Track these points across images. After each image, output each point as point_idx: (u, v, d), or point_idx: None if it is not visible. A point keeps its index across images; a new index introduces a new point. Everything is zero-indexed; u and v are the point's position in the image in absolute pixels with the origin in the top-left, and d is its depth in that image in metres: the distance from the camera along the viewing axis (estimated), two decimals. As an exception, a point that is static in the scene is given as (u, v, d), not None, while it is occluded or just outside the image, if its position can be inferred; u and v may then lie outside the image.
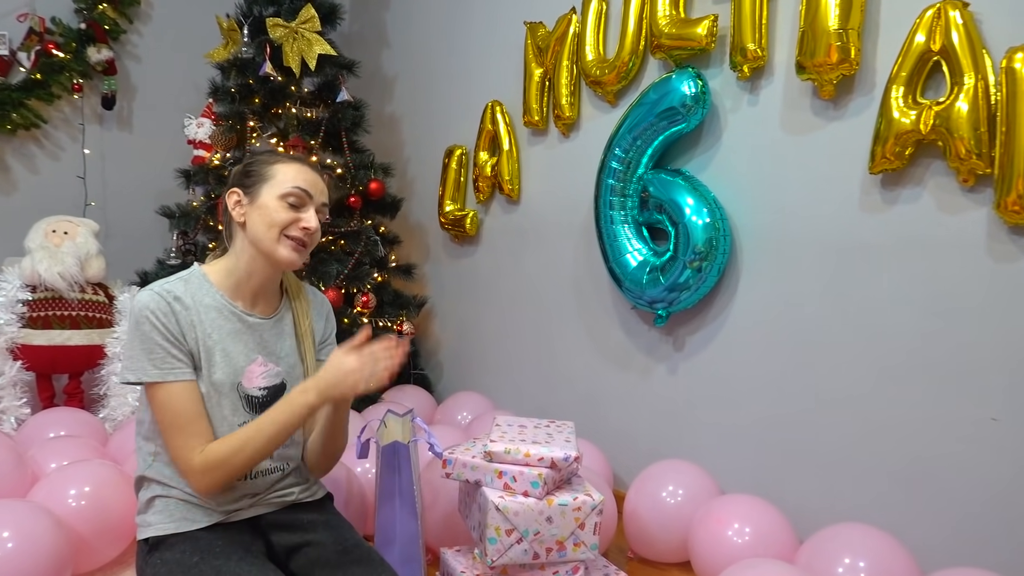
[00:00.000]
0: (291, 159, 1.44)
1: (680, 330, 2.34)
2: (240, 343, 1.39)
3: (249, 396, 1.39)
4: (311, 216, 1.40)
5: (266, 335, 1.44)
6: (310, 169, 1.44)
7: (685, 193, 2.16)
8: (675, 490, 2.07)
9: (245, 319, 1.41)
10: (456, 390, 3.17)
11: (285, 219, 1.38)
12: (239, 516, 1.40)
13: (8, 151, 3.30)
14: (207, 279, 1.41)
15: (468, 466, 1.70)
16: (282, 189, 1.39)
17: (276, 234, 1.37)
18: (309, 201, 1.41)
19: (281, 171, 1.41)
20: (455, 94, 3.24)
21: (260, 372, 1.41)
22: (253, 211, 1.39)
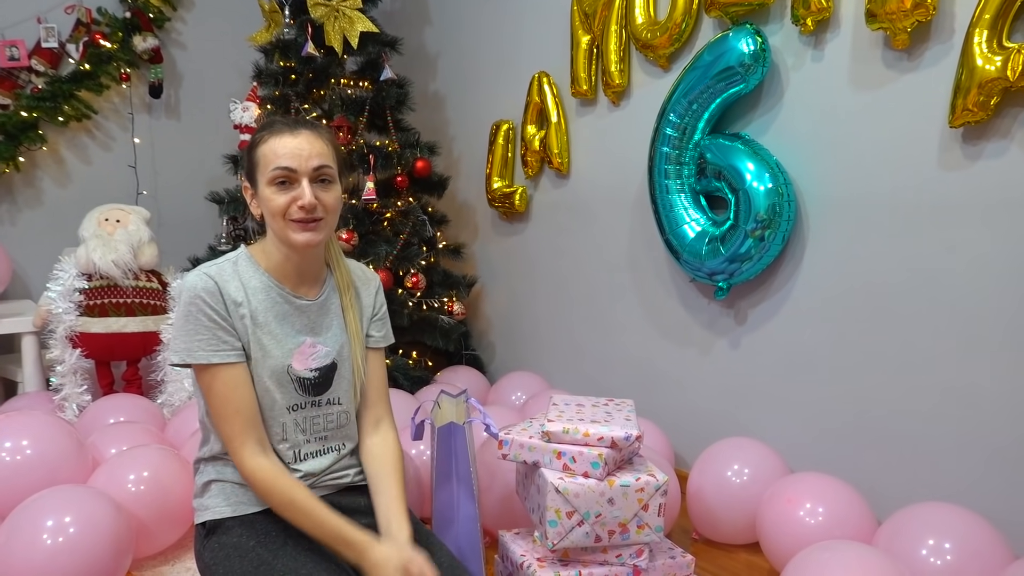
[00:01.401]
0: (272, 132, 1.31)
1: (742, 303, 2.24)
2: (289, 325, 1.36)
3: (301, 378, 1.36)
4: (304, 191, 1.28)
5: (314, 316, 1.39)
6: (291, 137, 1.30)
7: (745, 158, 2.05)
8: (741, 469, 1.99)
9: (293, 301, 1.37)
10: (509, 370, 3.12)
11: (281, 205, 1.29)
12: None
13: (61, 143, 3.35)
14: (253, 260, 1.37)
15: (525, 447, 1.64)
16: (268, 174, 1.29)
17: (281, 222, 1.30)
18: (296, 175, 1.29)
19: (264, 153, 1.30)
20: (500, 67, 3.16)
21: (310, 354, 1.37)
22: (261, 203, 1.33)
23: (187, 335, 1.27)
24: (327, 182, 1.32)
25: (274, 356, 1.32)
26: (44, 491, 1.72)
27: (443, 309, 3.05)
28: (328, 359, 1.39)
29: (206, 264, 1.33)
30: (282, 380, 1.33)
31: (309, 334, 1.38)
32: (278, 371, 1.33)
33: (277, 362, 1.33)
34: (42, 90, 3.19)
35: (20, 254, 3.24)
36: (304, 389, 1.36)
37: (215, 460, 1.36)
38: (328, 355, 1.39)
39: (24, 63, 3.21)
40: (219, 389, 1.27)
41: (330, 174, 1.33)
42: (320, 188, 1.31)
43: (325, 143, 1.34)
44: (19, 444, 1.89)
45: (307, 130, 1.32)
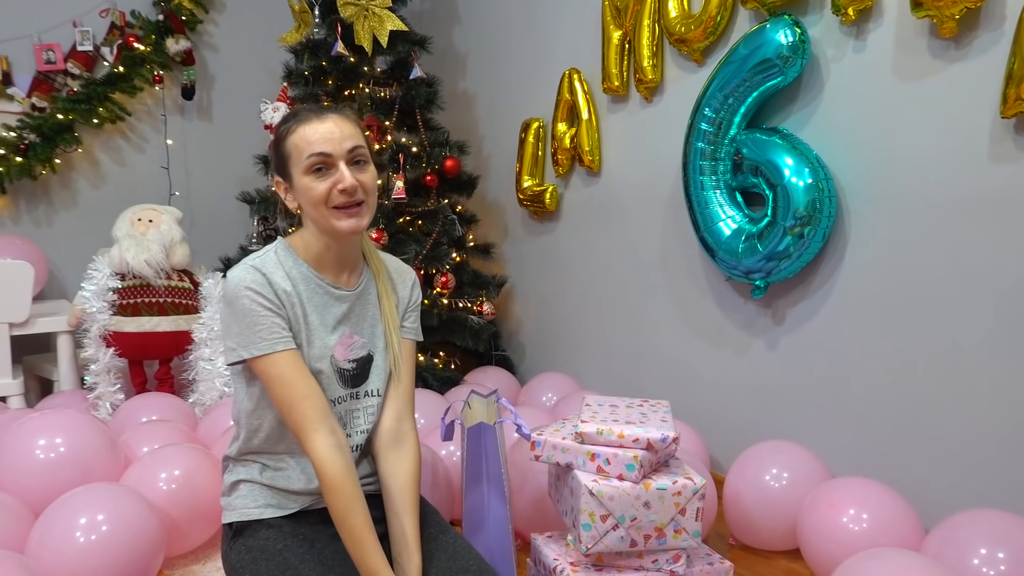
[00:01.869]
0: (300, 121, 1.29)
1: (780, 302, 2.18)
2: (330, 316, 1.34)
3: (341, 370, 1.34)
4: (343, 174, 1.26)
5: (352, 307, 1.37)
6: (319, 122, 1.28)
7: (783, 153, 2.00)
8: (780, 473, 1.93)
9: (332, 292, 1.35)
10: (539, 371, 3.08)
11: (322, 193, 1.26)
12: (323, 504, 1.34)
13: (96, 145, 3.39)
14: (292, 251, 1.35)
15: (558, 448, 1.60)
16: (303, 164, 1.27)
17: (324, 211, 1.28)
18: (332, 159, 1.26)
19: (295, 143, 1.28)
20: (530, 65, 3.13)
21: (348, 344, 1.35)
22: (298, 195, 1.31)
23: (243, 329, 1.24)
24: (362, 163, 1.30)
25: (317, 347, 1.31)
26: (77, 489, 1.73)
27: (473, 309, 3.03)
28: (364, 350, 1.37)
29: (248, 258, 1.31)
30: (326, 371, 1.31)
31: (348, 324, 1.36)
32: (322, 362, 1.31)
33: (321, 353, 1.31)
34: (77, 93, 3.23)
35: (56, 255, 3.29)
36: (343, 381, 1.34)
37: (244, 459, 1.35)
38: (364, 346, 1.37)
39: (60, 66, 3.25)
40: (284, 377, 1.24)
41: (364, 154, 1.31)
42: (357, 170, 1.29)
43: (354, 124, 1.32)
44: (53, 442, 1.90)
45: (334, 114, 1.30)
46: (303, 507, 1.33)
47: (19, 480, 1.83)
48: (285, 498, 1.33)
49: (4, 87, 3.18)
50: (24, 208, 3.29)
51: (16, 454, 1.86)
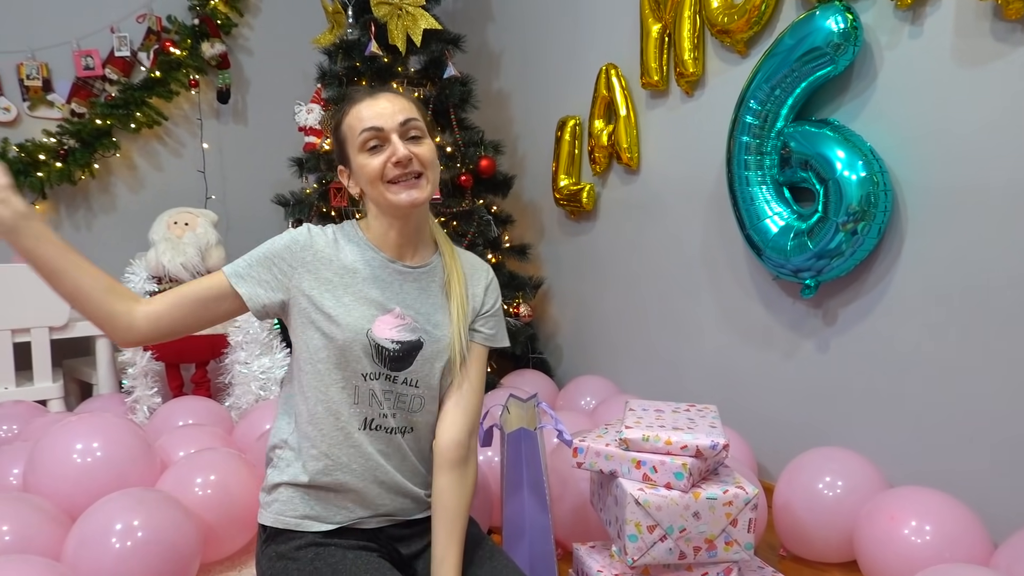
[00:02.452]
0: (352, 103, 1.29)
1: (831, 302, 2.08)
2: (378, 289, 1.29)
3: (380, 346, 1.26)
4: (396, 146, 1.24)
5: (409, 286, 1.32)
6: (369, 100, 1.28)
7: (835, 145, 1.91)
8: (834, 481, 1.84)
9: (389, 265, 1.31)
10: (577, 374, 3.01)
11: (376, 168, 1.24)
12: (362, 526, 1.29)
13: (134, 149, 3.42)
14: (357, 227, 1.34)
15: (602, 455, 1.54)
16: (357, 142, 1.26)
17: (380, 187, 1.26)
18: (385, 133, 1.25)
19: (349, 124, 1.28)
20: (565, 61, 3.07)
21: (395, 324, 1.28)
22: (356, 177, 1.30)
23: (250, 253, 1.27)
24: (418, 137, 1.27)
25: (355, 316, 1.25)
26: (113, 494, 1.71)
27: (509, 311, 2.97)
28: (414, 335, 1.29)
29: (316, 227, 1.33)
30: (356, 343, 1.25)
31: (399, 303, 1.30)
32: (355, 331, 1.25)
33: (357, 323, 1.25)
34: (115, 98, 3.26)
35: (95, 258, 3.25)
36: (382, 360, 1.26)
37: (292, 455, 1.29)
38: (415, 331, 1.30)
39: (98, 72, 3.28)
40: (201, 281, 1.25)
41: (419, 127, 1.28)
42: (412, 143, 1.26)
43: (408, 100, 1.30)
44: (90, 446, 1.88)
45: (387, 92, 1.29)
46: (346, 523, 1.27)
47: (55, 484, 1.82)
48: (323, 510, 1.27)
49: (44, 94, 3.22)
50: (64, 213, 3.32)
51: (53, 458, 1.85)
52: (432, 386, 1.32)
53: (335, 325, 1.24)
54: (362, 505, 1.28)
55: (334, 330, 1.24)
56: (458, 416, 1.32)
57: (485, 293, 1.40)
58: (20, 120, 3.20)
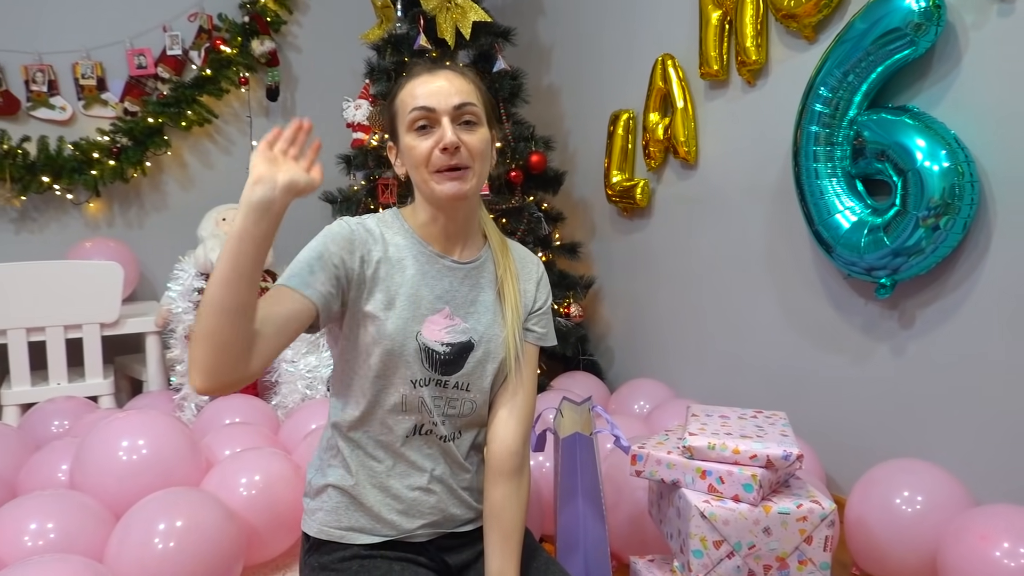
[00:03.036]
0: (410, 76, 1.20)
1: (908, 302, 1.94)
2: (427, 288, 1.19)
3: (429, 349, 1.18)
4: (445, 130, 1.13)
5: (458, 284, 1.23)
6: (426, 76, 1.18)
7: (914, 134, 1.77)
8: (912, 496, 1.70)
9: (437, 261, 1.21)
10: (629, 377, 2.91)
11: (423, 152, 1.15)
12: (410, 539, 1.22)
13: (185, 148, 3.43)
14: (400, 218, 1.24)
15: (663, 463, 1.44)
16: (407, 120, 1.16)
17: (424, 174, 1.16)
18: (436, 115, 1.14)
19: (402, 99, 1.19)
20: (619, 54, 2.97)
21: (445, 325, 1.19)
22: (403, 158, 1.21)
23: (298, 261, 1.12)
24: (472, 124, 1.17)
25: (404, 319, 1.16)
26: (157, 493, 1.68)
27: (559, 311, 2.88)
28: (464, 336, 1.21)
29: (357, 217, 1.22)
30: (405, 347, 1.16)
31: (449, 303, 1.21)
32: (404, 334, 1.16)
33: (408, 326, 1.16)
34: (167, 96, 3.27)
35: (147, 256, 3.33)
36: (432, 364, 1.18)
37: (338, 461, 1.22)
38: (466, 332, 1.21)
39: (151, 71, 3.30)
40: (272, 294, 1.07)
41: (475, 113, 1.17)
42: (464, 130, 1.16)
43: (469, 82, 1.20)
44: (135, 444, 1.86)
45: (447, 70, 1.19)
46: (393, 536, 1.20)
47: (101, 481, 1.80)
48: (370, 522, 1.19)
49: (99, 93, 3.25)
50: (117, 211, 3.35)
51: (99, 455, 1.83)
52: (484, 389, 1.24)
53: (384, 327, 1.15)
54: (408, 514, 1.20)
55: (383, 333, 1.15)
56: (512, 424, 1.24)
57: (537, 289, 1.32)
58: (75, 119, 3.24)
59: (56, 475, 1.94)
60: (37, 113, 3.17)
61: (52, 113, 3.18)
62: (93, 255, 3.00)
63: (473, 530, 1.27)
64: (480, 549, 1.24)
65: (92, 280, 2.62)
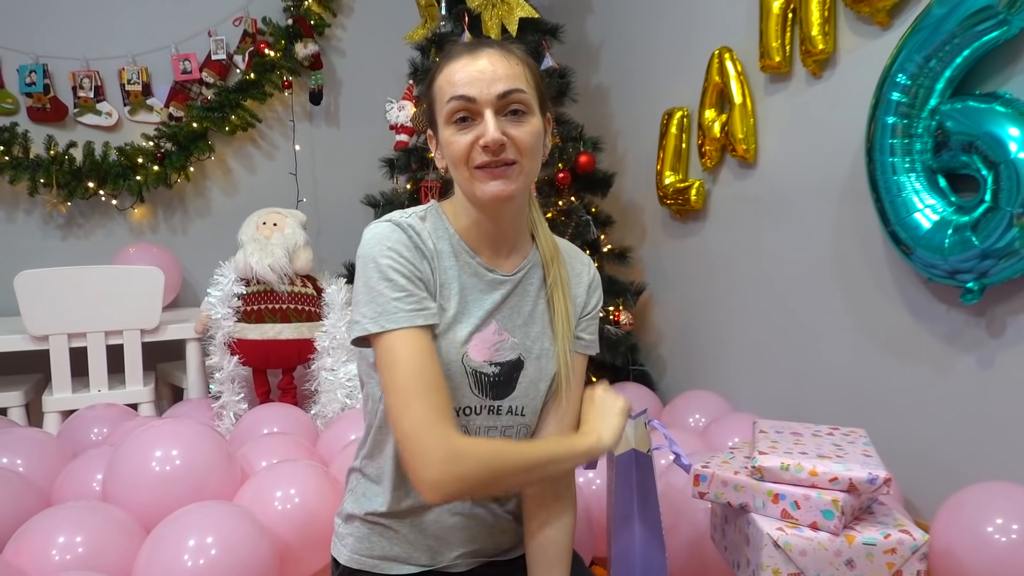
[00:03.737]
0: (448, 58, 1.04)
1: (997, 309, 1.76)
2: (476, 304, 1.06)
3: (477, 372, 1.05)
4: (487, 125, 0.98)
5: (507, 297, 1.09)
6: (468, 59, 1.01)
7: (1007, 122, 1.60)
8: (1007, 524, 1.52)
9: (484, 274, 1.07)
10: (682, 388, 2.76)
11: (463, 148, 1.00)
12: (453, 568, 1.11)
13: (228, 153, 3.40)
14: (444, 216, 1.09)
15: (730, 485, 1.30)
16: (444, 110, 1.01)
17: (465, 171, 1.01)
18: (478, 105, 0.99)
19: (440, 86, 1.03)
20: (671, 49, 2.84)
21: (493, 343, 1.07)
22: (444, 152, 1.05)
23: (378, 296, 0.97)
24: (521, 113, 1.01)
25: (451, 340, 1.03)
26: (188, 507, 1.60)
27: (609, 319, 2.75)
28: (514, 353, 1.08)
29: (392, 214, 1.06)
30: (454, 370, 1.04)
31: (496, 318, 1.07)
32: (453, 358, 1.03)
33: (454, 347, 1.03)
34: (211, 101, 3.25)
35: (190, 262, 3.31)
36: (480, 388, 1.06)
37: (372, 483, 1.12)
38: (515, 348, 1.08)
39: (195, 76, 3.28)
40: (416, 355, 0.96)
41: (523, 102, 1.01)
42: (510, 122, 1.00)
43: (516, 63, 1.03)
44: (169, 454, 1.79)
45: (491, 49, 1.02)
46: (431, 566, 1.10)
47: (133, 493, 1.73)
48: (402, 551, 1.09)
49: (144, 98, 3.25)
50: (161, 217, 3.34)
51: (131, 465, 1.77)
52: (537, 409, 1.12)
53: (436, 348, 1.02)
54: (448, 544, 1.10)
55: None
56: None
57: (588, 292, 1.19)
58: (121, 124, 3.24)
59: (91, 484, 1.88)
60: (84, 119, 3.17)
61: (98, 119, 3.19)
62: (136, 261, 2.99)
63: (517, 558, 1.16)
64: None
65: (133, 286, 2.59)
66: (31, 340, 2.53)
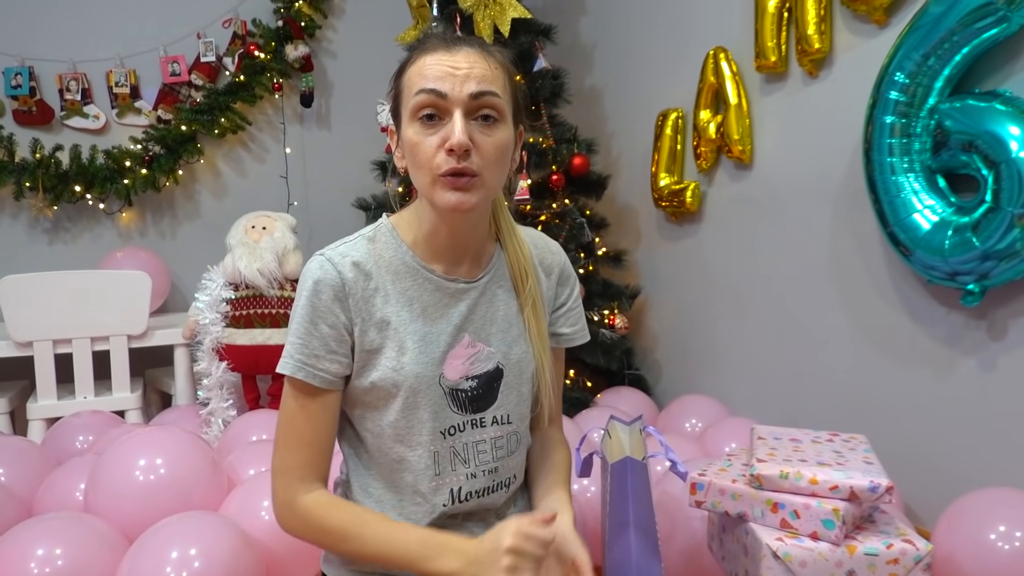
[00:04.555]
0: (424, 49, 0.97)
1: (998, 312, 1.73)
2: (441, 320, 1.02)
3: (455, 391, 1.02)
4: (455, 126, 0.91)
5: (474, 305, 1.05)
6: (443, 53, 0.95)
7: (1007, 121, 1.57)
8: (1010, 531, 1.48)
9: (447, 286, 1.03)
10: (678, 393, 2.72)
11: (426, 150, 0.93)
12: None
13: (218, 155, 3.36)
14: (395, 235, 1.04)
15: (727, 493, 1.27)
16: (410, 104, 0.94)
17: (428, 177, 0.95)
18: (447, 104, 0.92)
19: (409, 77, 0.96)
20: (666, 50, 2.81)
21: (468, 356, 1.03)
22: (406, 150, 0.99)
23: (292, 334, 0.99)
24: (492, 120, 0.95)
25: (421, 363, 0.99)
26: (171, 517, 1.56)
27: (604, 323, 2.72)
28: (491, 363, 1.04)
29: (335, 244, 1.02)
30: (432, 394, 1.00)
31: (468, 330, 1.04)
32: (426, 382, 1.00)
33: (425, 370, 0.99)
34: (200, 103, 3.21)
35: (178, 266, 3.27)
36: (459, 405, 1.03)
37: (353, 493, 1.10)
38: (491, 357, 1.05)
39: (184, 78, 3.24)
40: (296, 408, 1.00)
41: (496, 107, 0.95)
42: (479, 127, 0.94)
43: (496, 66, 0.97)
44: (153, 463, 1.75)
45: (471, 47, 0.97)
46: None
47: (115, 504, 1.69)
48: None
49: (132, 101, 3.20)
50: (150, 221, 3.30)
51: (114, 475, 1.72)
52: (524, 415, 1.11)
53: (399, 378, 0.99)
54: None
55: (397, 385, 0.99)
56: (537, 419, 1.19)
57: (558, 285, 1.14)
58: (108, 127, 3.20)
59: (74, 494, 1.84)
60: (71, 122, 3.13)
61: (85, 122, 3.14)
62: (124, 265, 2.94)
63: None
64: None
65: (120, 290, 2.54)
66: (15, 346, 2.48)
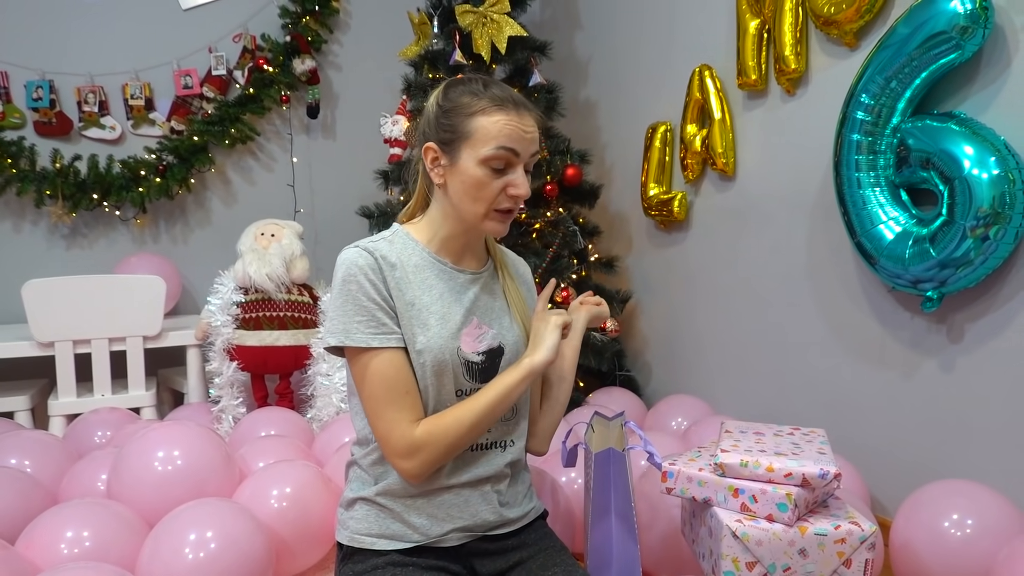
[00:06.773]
0: (495, 105, 1.16)
1: (956, 316, 1.86)
2: (456, 304, 1.24)
3: (468, 361, 1.23)
4: (519, 178, 1.17)
5: (479, 293, 1.28)
6: (516, 115, 1.16)
7: (961, 140, 1.70)
8: (962, 519, 1.61)
9: (457, 276, 1.26)
10: (667, 393, 2.85)
11: (493, 192, 1.18)
12: (445, 543, 1.23)
13: (228, 165, 3.51)
14: (411, 237, 1.26)
15: (694, 481, 1.40)
16: (484, 152, 1.15)
17: (484, 209, 1.19)
18: (517, 160, 1.17)
19: (482, 126, 1.16)
20: (656, 66, 2.94)
21: (477, 336, 1.24)
22: (454, 176, 1.19)
23: (345, 315, 1.16)
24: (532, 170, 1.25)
25: (442, 337, 1.19)
26: (188, 504, 1.69)
27: (596, 326, 2.84)
28: (495, 341, 1.26)
29: (363, 240, 1.23)
30: (449, 363, 1.20)
31: (476, 313, 1.26)
32: (447, 354, 1.20)
33: (446, 344, 1.19)
34: (211, 115, 3.35)
35: (190, 271, 3.41)
36: (471, 374, 1.23)
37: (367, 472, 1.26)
38: (495, 337, 1.26)
39: (196, 90, 3.39)
40: (381, 371, 1.15)
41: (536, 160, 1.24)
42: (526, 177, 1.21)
43: (539, 127, 1.22)
44: (171, 454, 1.88)
45: (528, 112, 1.20)
46: (425, 542, 1.22)
47: (136, 491, 1.82)
48: (403, 529, 1.22)
49: (147, 112, 3.35)
50: (163, 227, 3.44)
51: (135, 465, 1.86)
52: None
53: (425, 351, 1.18)
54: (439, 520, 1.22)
55: (424, 357, 1.18)
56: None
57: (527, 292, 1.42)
58: (124, 138, 3.34)
59: (96, 484, 1.97)
60: (88, 133, 3.28)
61: (102, 132, 3.29)
62: (138, 270, 3.08)
63: (506, 534, 1.29)
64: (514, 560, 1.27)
65: (136, 294, 2.69)
66: (38, 347, 2.62)
